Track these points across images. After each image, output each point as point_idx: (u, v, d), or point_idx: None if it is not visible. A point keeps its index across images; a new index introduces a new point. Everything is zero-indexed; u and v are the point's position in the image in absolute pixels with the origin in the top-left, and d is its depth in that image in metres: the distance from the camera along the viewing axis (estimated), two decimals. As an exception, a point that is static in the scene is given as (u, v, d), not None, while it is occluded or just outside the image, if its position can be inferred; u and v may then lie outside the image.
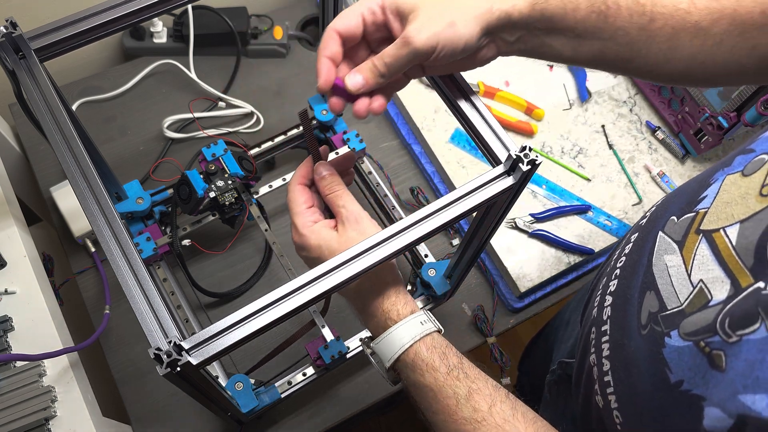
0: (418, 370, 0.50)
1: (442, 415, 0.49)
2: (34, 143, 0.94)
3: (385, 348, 0.52)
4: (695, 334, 0.41)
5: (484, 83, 1.00)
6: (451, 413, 0.48)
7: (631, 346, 0.48)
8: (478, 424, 0.47)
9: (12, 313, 0.70)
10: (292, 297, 0.45)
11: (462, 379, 0.49)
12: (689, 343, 0.41)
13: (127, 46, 1.02)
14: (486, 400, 0.48)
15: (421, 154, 0.97)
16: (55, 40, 0.54)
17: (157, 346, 0.41)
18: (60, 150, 0.49)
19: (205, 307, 0.84)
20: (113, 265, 0.45)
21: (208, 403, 0.59)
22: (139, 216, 0.79)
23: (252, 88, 1.02)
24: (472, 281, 0.89)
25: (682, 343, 0.42)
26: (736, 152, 0.48)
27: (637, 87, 1.03)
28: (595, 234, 0.90)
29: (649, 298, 0.47)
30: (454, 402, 0.48)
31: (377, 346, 0.53)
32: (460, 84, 0.54)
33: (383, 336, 0.52)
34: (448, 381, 0.49)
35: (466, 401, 0.48)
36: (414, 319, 0.52)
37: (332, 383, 0.82)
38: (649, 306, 0.47)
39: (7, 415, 0.64)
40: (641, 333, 0.47)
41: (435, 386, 0.49)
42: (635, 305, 0.49)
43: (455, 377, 0.49)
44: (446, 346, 0.52)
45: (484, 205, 0.50)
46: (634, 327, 0.48)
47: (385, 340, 0.52)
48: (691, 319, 0.42)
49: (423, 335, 0.51)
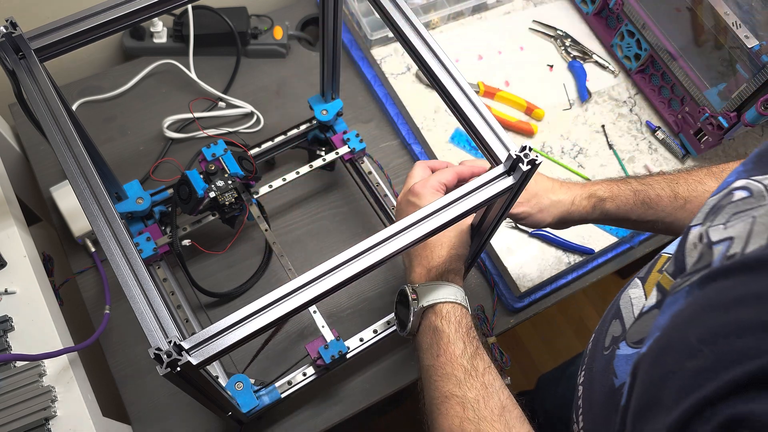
0: (445, 320, 0.59)
1: (443, 357, 0.57)
2: (34, 143, 0.94)
3: (434, 291, 0.61)
4: (640, 342, 0.46)
5: (484, 83, 1.00)
6: (453, 357, 0.57)
7: (595, 367, 0.53)
8: (468, 374, 0.56)
9: (12, 313, 0.70)
10: (292, 297, 0.45)
11: (474, 343, 0.58)
12: (635, 350, 0.46)
13: (127, 46, 1.02)
14: (484, 365, 0.57)
15: (421, 154, 0.97)
16: (55, 40, 0.54)
17: (157, 346, 0.41)
18: (60, 150, 0.50)
19: (205, 307, 0.84)
20: (113, 265, 0.45)
21: (208, 403, 0.59)
22: (139, 216, 0.79)
23: (252, 88, 1.02)
24: (472, 281, 0.89)
25: (630, 351, 0.47)
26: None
27: (637, 87, 1.03)
28: (595, 234, 0.90)
29: (614, 324, 0.52)
30: (460, 351, 0.57)
31: (425, 287, 0.61)
32: (460, 84, 0.54)
33: (436, 283, 0.61)
34: (464, 338, 0.58)
35: (471, 358, 0.57)
36: (462, 291, 0.62)
37: (332, 383, 0.82)
38: (613, 332, 0.52)
39: (7, 415, 0.64)
40: (603, 354, 0.52)
41: (451, 336, 0.58)
42: (604, 333, 0.54)
43: (472, 337, 0.59)
44: (473, 327, 0.61)
45: (484, 205, 0.50)
46: (600, 350, 0.53)
47: (436, 286, 0.61)
48: (635, 327, 0.48)
49: (465, 304, 0.62)
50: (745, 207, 0.42)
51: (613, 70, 1.04)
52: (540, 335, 1.74)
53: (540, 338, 1.73)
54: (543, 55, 1.05)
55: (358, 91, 1.04)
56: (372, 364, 0.83)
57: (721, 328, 0.36)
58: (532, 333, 1.74)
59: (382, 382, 0.83)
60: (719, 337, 0.35)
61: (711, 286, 0.39)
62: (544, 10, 1.10)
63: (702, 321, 0.38)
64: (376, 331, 0.77)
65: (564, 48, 1.05)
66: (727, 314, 0.36)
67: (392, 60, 1.02)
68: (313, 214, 0.93)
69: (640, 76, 1.02)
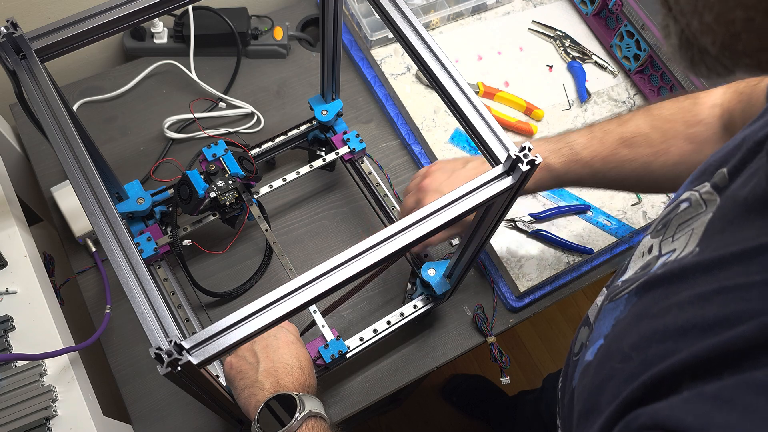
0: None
1: None
2: (34, 143, 0.94)
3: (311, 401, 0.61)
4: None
5: (483, 84, 1.00)
6: None
7: (568, 374, 0.54)
8: None
9: (13, 313, 0.71)
10: (292, 297, 0.45)
11: None
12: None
13: (127, 46, 1.02)
14: None
15: (421, 154, 0.97)
16: (55, 41, 0.54)
17: (158, 346, 0.41)
18: (61, 150, 0.50)
19: (206, 307, 0.84)
20: (114, 265, 0.45)
21: (209, 403, 0.59)
22: (139, 216, 0.80)
23: (252, 88, 1.02)
24: (472, 281, 0.90)
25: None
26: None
27: (636, 87, 1.04)
28: (595, 234, 0.90)
29: (583, 331, 0.54)
30: None
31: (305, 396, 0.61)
32: (460, 84, 0.54)
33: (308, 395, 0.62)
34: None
35: None
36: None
37: (332, 383, 0.82)
38: (581, 338, 0.53)
39: (8, 415, 0.64)
40: (573, 359, 0.53)
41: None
42: (575, 340, 0.56)
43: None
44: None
45: (483, 205, 0.50)
46: (571, 357, 0.54)
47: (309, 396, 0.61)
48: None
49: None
50: (686, 217, 0.43)
51: (612, 70, 1.04)
52: (540, 335, 1.74)
53: (539, 338, 1.74)
54: (542, 56, 1.05)
55: (358, 91, 1.04)
56: (372, 363, 0.83)
57: (648, 336, 0.37)
58: (531, 333, 1.74)
59: (382, 382, 0.83)
60: (646, 344, 0.37)
61: (647, 295, 0.41)
62: (544, 10, 1.10)
63: (635, 329, 0.39)
64: (376, 330, 0.77)
65: (563, 48, 1.06)
66: (656, 322, 0.37)
67: (392, 60, 1.02)
68: (314, 214, 0.93)
69: (639, 77, 1.03)
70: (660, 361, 0.34)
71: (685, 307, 0.36)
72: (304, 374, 0.64)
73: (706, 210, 0.42)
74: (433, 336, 0.86)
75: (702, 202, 0.43)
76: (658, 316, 0.38)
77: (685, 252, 0.40)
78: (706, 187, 0.43)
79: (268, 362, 0.62)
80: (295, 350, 0.65)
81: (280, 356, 0.63)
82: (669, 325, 0.36)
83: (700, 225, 0.41)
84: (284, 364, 0.63)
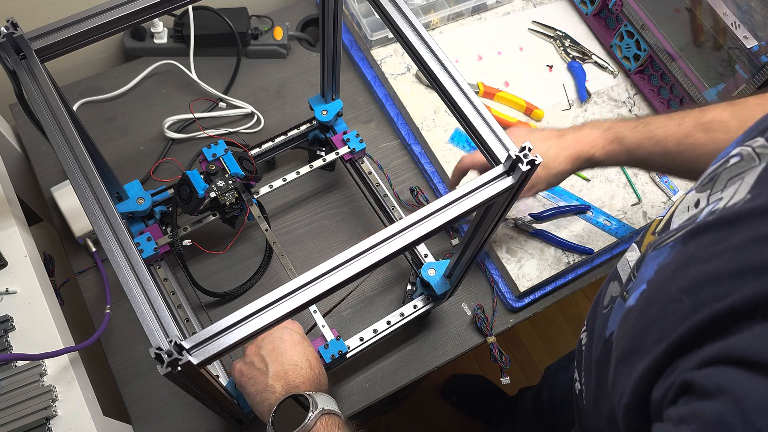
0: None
1: None
2: (34, 143, 0.94)
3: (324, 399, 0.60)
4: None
5: (483, 83, 1.00)
6: None
7: (595, 327, 0.55)
8: None
9: (13, 313, 0.71)
10: (292, 297, 0.45)
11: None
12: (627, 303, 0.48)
13: (127, 46, 1.02)
14: None
15: (421, 154, 0.97)
16: (55, 41, 0.54)
17: (158, 346, 0.41)
18: (61, 150, 0.50)
19: (206, 307, 0.84)
20: (114, 265, 0.45)
21: (209, 403, 0.59)
22: (139, 216, 0.80)
23: (252, 88, 1.02)
24: (472, 281, 0.90)
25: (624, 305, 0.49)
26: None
27: (636, 87, 1.04)
28: (595, 234, 0.90)
29: (613, 285, 0.55)
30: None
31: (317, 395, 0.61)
32: (460, 84, 0.54)
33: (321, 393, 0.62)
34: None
35: None
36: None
37: (332, 382, 0.82)
38: (611, 292, 0.54)
39: (8, 415, 0.64)
40: (602, 312, 0.54)
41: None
42: (603, 294, 0.57)
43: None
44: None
45: (483, 205, 0.50)
46: (599, 310, 0.56)
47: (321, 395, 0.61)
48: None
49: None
50: (737, 171, 0.43)
51: (612, 70, 1.04)
52: (540, 335, 1.74)
53: (539, 338, 1.74)
54: (542, 56, 1.05)
55: (358, 91, 1.04)
56: (372, 363, 0.83)
57: (700, 279, 0.38)
58: (531, 332, 1.74)
59: (382, 382, 0.83)
60: (697, 286, 0.37)
61: (693, 241, 0.41)
62: (544, 10, 1.10)
63: (684, 274, 0.40)
64: (376, 330, 0.77)
65: (563, 48, 1.06)
66: (707, 266, 0.38)
67: (392, 60, 1.02)
68: (314, 214, 0.93)
69: (639, 77, 1.03)
70: (715, 302, 0.35)
71: (740, 251, 0.36)
72: (314, 372, 0.63)
73: (759, 163, 0.42)
74: (433, 336, 0.86)
75: (755, 155, 0.43)
76: (708, 260, 0.38)
77: (734, 200, 0.41)
78: (760, 141, 0.43)
79: (277, 365, 0.62)
80: (302, 349, 0.64)
81: (288, 358, 0.63)
82: (721, 268, 0.37)
83: (752, 176, 0.41)
84: (293, 365, 0.63)
